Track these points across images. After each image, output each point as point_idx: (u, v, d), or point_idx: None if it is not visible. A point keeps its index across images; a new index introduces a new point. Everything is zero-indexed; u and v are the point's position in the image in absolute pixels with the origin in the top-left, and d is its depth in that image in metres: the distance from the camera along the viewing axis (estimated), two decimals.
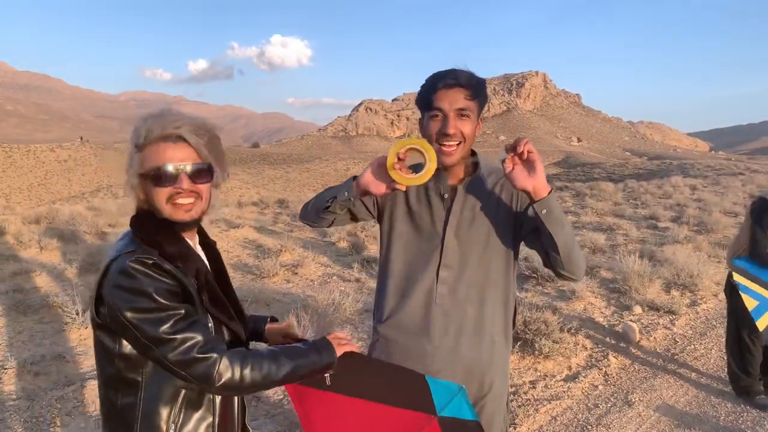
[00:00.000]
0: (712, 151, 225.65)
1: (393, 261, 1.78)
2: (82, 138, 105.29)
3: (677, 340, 5.04)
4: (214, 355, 1.19)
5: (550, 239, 1.53)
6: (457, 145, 1.63)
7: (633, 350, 4.75)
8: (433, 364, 1.71)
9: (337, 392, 1.79)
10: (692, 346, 4.88)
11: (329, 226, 1.83)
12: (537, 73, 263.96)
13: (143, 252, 1.22)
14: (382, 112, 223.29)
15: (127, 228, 1.34)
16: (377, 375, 1.74)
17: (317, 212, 1.75)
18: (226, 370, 1.19)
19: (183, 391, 1.28)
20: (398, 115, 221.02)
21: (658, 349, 4.81)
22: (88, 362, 4.10)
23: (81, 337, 4.56)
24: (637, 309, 5.72)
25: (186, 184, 1.27)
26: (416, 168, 1.61)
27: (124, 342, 1.22)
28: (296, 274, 7.08)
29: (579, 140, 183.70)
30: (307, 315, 4.76)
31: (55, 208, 13.23)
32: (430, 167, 1.53)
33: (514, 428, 3.38)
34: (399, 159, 1.53)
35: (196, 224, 1.39)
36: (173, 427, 1.27)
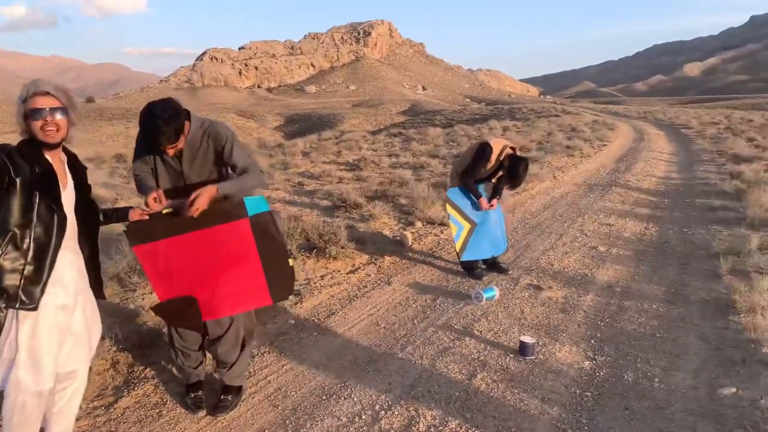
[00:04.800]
0: (542, 96, 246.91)
1: (159, 180, 2.97)
2: None
3: (440, 243, 6.65)
4: None
5: None
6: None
7: (406, 252, 6.24)
8: None
9: (162, 238, 2.81)
10: (450, 246, 6.48)
11: None
12: (383, 21, 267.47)
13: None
14: (228, 61, 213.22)
15: None
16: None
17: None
18: None
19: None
20: (246, 65, 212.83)
21: (424, 250, 6.37)
22: None
23: None
24: (418, 224, 7.29)
25: (49, 118, 2.23)
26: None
27: None
28: None
29: (424, 88, 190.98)
30: None
31: None
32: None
33: (301, 305, 4.64)
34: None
35: (58, 146, 2.35)
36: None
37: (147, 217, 2.77)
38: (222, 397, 3.14)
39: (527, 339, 3.83)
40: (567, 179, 11.69)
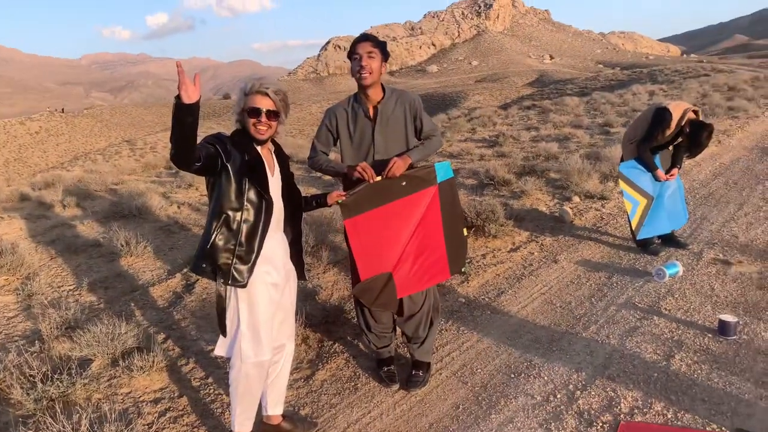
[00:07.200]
0: (684, 55, 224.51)
1: (345, 159, 3.05)
2: (63, 110, 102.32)
3: (604, 217, 6.30)
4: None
5: None
6: (369, 74, 2.79)
7: (568, 229, 6.00)
8: None
9: (368, 210, 2.92)
10: (615, 221, 6.15)
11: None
12: None
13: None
14: None
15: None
16: (392, 185, 2.91)
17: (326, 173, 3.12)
18: None
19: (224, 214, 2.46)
20: None
21: (587, 225, 6.07)
22: (144, 277, 5.27)
23: (129, 263, 5.70)
24: (576, 198, 6.96)
25: (263, 119, 2.41)
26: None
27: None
28: None
29: (551, 57, 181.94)
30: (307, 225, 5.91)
31: (58, 175, 14.09)
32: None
33: (468, 283, 4.64)
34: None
35: (265, 142, 2.53)
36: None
37: (344, 199, 2.89)
38: (413, 373, 3.23)
39: (728, 318, 3.51)
40: (734, 143, 10.54)
